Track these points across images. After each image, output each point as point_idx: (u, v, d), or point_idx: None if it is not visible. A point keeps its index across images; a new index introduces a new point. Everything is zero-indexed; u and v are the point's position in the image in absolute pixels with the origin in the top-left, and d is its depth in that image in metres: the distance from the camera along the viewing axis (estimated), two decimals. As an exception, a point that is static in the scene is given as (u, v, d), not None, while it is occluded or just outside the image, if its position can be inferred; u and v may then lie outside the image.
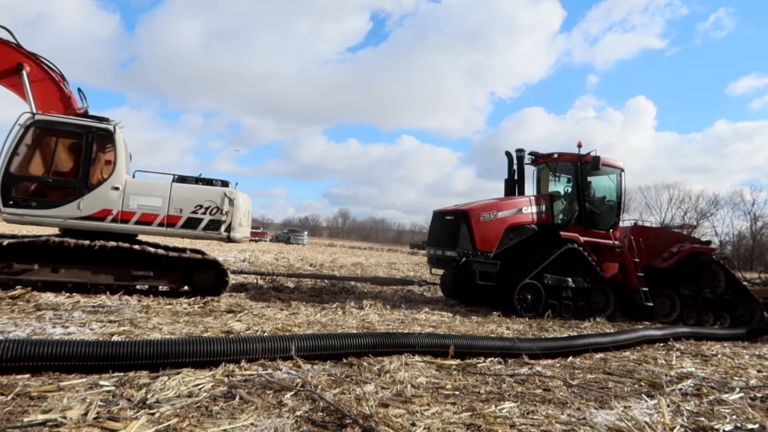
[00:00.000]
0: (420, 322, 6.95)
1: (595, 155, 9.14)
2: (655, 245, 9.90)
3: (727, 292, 9.81)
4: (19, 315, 5.34)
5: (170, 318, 5.78)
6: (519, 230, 8.97)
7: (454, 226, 8.79)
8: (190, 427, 2.62)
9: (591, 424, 3.11)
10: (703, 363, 5.45)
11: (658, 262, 9.70)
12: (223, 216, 7.46)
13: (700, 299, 9.60)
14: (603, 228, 9.54)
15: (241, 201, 7.70)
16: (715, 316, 9.62)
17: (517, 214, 8.96)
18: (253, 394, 3.19)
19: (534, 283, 8.44)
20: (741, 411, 3.61)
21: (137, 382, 3.24)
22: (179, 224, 7.32)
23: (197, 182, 7.71)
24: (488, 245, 8.52)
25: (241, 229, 7.69)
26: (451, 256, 8.74)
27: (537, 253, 8.71)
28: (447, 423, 2.94)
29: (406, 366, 4.19)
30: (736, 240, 61.04)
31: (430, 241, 9.73)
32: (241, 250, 23.34)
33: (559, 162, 9.85)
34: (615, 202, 9.79)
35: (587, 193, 9.57)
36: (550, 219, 9.26)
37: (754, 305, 9.79)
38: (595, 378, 4.39)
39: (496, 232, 8.63)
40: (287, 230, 57.19)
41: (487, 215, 8.61)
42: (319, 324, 6.13)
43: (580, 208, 9.43)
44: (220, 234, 7.46)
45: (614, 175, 9.81)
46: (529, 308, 8.41)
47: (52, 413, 2.64)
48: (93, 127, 7.08)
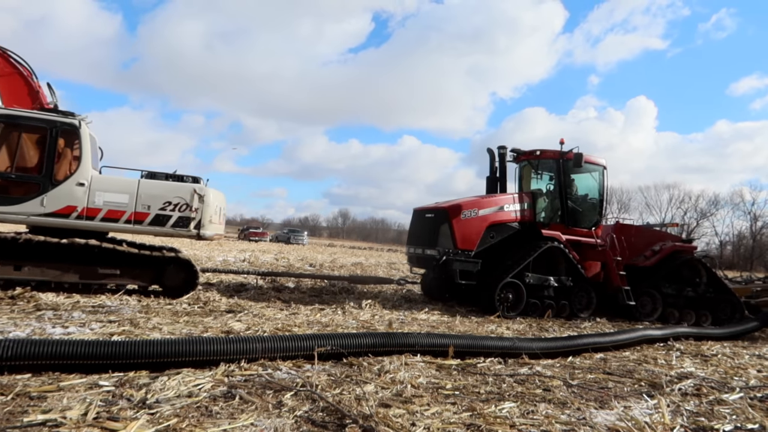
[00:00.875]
0: (420, 322, 6.95)
1: (577, 152, 9.01)
2: (637, 243, 9.82)
3: (709, 290, 9.76)
4: (19, 315, 5.34)
5: (170, 318, 5.78)
6: (500, 228, 8.82)
7: (435, 225, 8.65)
8: (190, 427, 2.62)
9: (591, 424, 3.11)
10: (703, 363, 5.45)
11: (641, 261, 9.64)
12: (193, 213, 7.34)
13: (682, 298, 9.54)
14: (585, 226, 9.44)
15: (212, 198, 7.57)
16: (697, 314, 9.56)
17: (499, 212, 8.81)
18: (253, 394, 3.19)
19: (515, 282, 8.29)
20: (741, 411, 3.61)
21: (137, 382, 3.24)
22: (147, 221, 7.18)
23: (167, 179, 7.58)
24: (469, 244, 8.36)
25: (211, 226, 7.57)
26: (431, 255, 8.60)
27: (518, 252, 8.58)
28: (447, 423, 2.94)
29: (406, 366, 4.19)
30: (736, 240, 61.08)
31: (410, 240, 9.59)
32: (241, 250, 23.34)
33: (541, 159, 9.73)
34: (597, 200, 9.69)
35: (569, 190, 9.47)
36: (532, 217, 9.13)
37: (735, 303, 9.76)
38: (595, 378, 4.39)
39: (477, 230, 8.48)
40: (287, 230, 57.19)
41: (468, 213, 8.46)
42: (319, 324, 6.13)
43: (562, 206, 9.31)
44: (190, 231, 7.33)
45: (597, 173, 9.70)
46: (510, 308, 8.25)
47: (52, 413, 2.64)
48: (57, 121, 6.94)
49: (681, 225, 60.46)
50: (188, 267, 7.54)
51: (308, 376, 3.67)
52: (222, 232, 8.25)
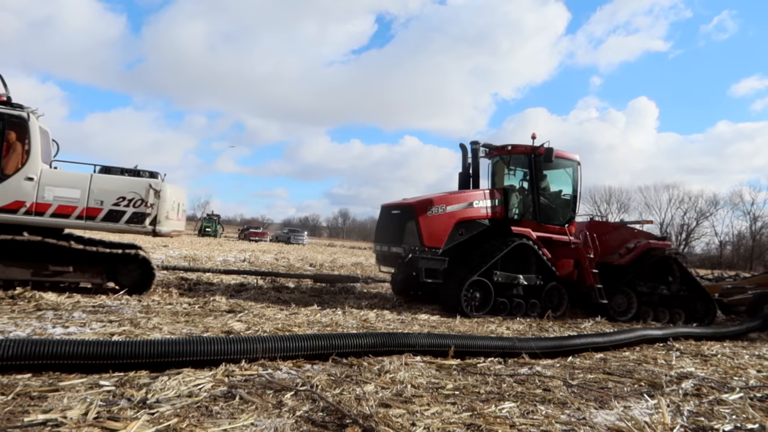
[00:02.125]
0: (420, 322, 6.95)
1: (548, 147, 8.80)
2: (611, 241, 9.67)
3: (683, 288, 9.66)
4: (20, 315, 5.35)
5: (170, 318, 5.79)
6: (470, 225, 8.55)
7: (401, 221, 8.37)
8: (190, 427, 2.62)
9: (591, 424, 3.11)
10: (702, 363, 5.45)
11: (615, 259, 9.47)
12: (148, 209, 7.14)
13: (656, 296, 9.41)
14: (558, 223, 9.21)
15: (169, 193, 7.39)
16: (671, 312, 9.44)
17: (468, 209, 8.52)
18: (253, 394, 3.19)
19: (483, 281, 8.02)
20: (741, 411, 3.62)
21: (137, 382, 3.24)
22: (99, 217, 6.99)
23: (122, 174, 7.40)
24: (436, 241, 8.08)
25: (168, 222, 7.39)
26: (396, 253, 8.31)
27: (486, 249, 8.31)
28: (447, 423, 2.94)
29: (406, 366, 4.20)
30: (736, 240, 61.10)
31: (377, 237, 9.28)
32: (241, 250, 23.35)
33: (512, 154, 9.50)
34: (571, 196, 9.46)
35: (542, 186, 9.21)
36: (503, 213, 8.88)
37: (708, 301, 9.69)
38: (594, 378, 4.39)
39: (444, 227, 8.19)
40: (287, 230, 57.22)
41: (436, 209, 8.17)
42: (319, 324, 6.13)
43: (534, 203, 9.07)
44: (145, 227, 7.16)
45: (570, 169, 9.48)
46: (477, 307, 7.99)
47: (52, 413, 2.64)
48: (5, 114, 6.73)
49: (682, 225, 60.51)
50: (144, 264, 7.37)
51: (308, 376, 3.68)
52: (181, 228, 8.05)
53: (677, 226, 61.92)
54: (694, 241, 61.05)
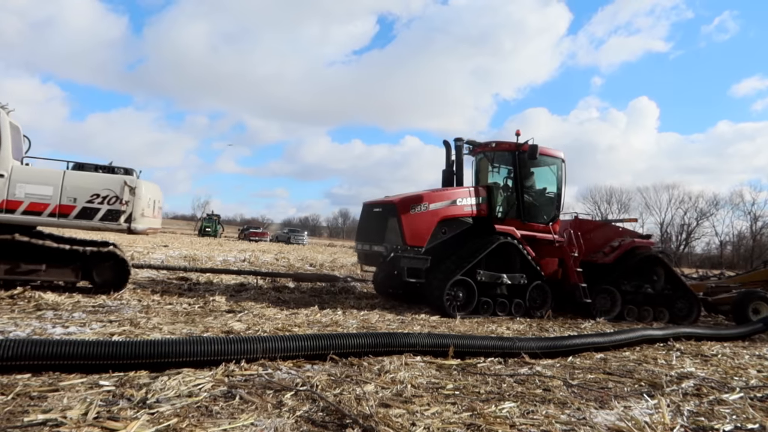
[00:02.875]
0: (420, 322, 6.95)
1: (532, 144, 8.66)
2: (595, 239, 9.59)
3: (667, 287, 9.57)
4: (20, 315, 5.35)
5: (170, 318, 5.79)
6: (453, 223, 8.39)
7: (382, 219, 8.19)
8: (190, 427, 2.62)
9: (591, 424, 3.11)
10: (703, 363, 5.45)
11: (599, 257, 9.40)
12: (123, 206, 7.04)
13: (641, 295, 9.31)
14: (542, 221, 9.10)
15: (144, 190, 7.30)
16: (655, 311, 9.35)
17: (451, 206, 8.36)
18: (253, 394, 3.19)
19: (466, 280, 7.87)
20: (741, 411, 3.61)
21: (137, 382, 3.24)
22: (73, 214, 6.87)
23: (96, 170, 7.29)
24: (419, 239, 7.93)
25: (144, 219, 7.30)
26: (378, 252, 8.14)
27: (470, 248, 8.18)
28: (447, 423, 2.94)
29: (406, 366, 4.19)
30: (736, 240, 61.09)
31: (358, 236, 9.10)
32: (241, 250, 23.34)
33: (496, 151, 9.36)
34: (555, 194, 9.33)
35: (526, 184, 9.06)
36: (487, 211, 8.75)
37: (692, 300, 9.62)
38: (595, 378, 4.39)
39: (427, 225, 8.04)
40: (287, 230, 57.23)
41: (418, 207, 8.01)
42: (319, 324, 6.13)
43: (518, 200, 8.94)
44: (120, 225, 7.05)
45: (555, 166, 9.37)
46: (460, 306, 7.83)
47: (52, 413, 2.64)
48: None
49: (682, 225, 60.50)
50: (118, 262, 7.25)
51: (308, 376, 3.68)
52: (157, 225, 7.95)
53: (677, 226, 61.99)
54: (694, 241, 61.12)
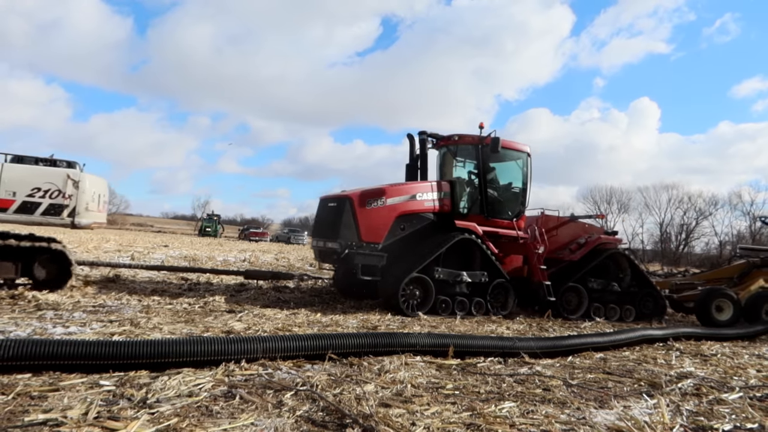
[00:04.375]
0: (420, 322, 6.95)
1: (494, 136, 8.33)
2: (562, 236, 9.42)
3: (633, 284, 9.44)
4: (20, 315, 5.35)
5: (170, 318, 5.79)
6: (412, 219, 8.06)
7: (337, 215, 7.76)
8: (190, 426, 2.62)
9: (591, 424, 3.11)
10: (702, 363, 5.46)
11: (566, 254, 9.20)
12: (66, 200, 6.87)
13: (607, 292, 9.15)
14: (506, 217, 8.83)
15: (89, 184, 7.13)
16: (622, 309, 9.22)
17: (410, 201, 8.03)
18: (254, 394, 3.20)
19: (423, 278, 7.55)
20: (740, 411, 3.62)
21: (137, 382, 3.24)
22: (12, 209, 6.68)
23: (37, 163, 7.09)
24: (375, 235, 7.61)
25: (88, 214, 7.12)
26: (332, 248, 7.73)
27: (428, 245, 7.86)
28: (447, 423, 2.95)
29: (406, 366, 4.20)
30: (736, 240, 61.04)
31: (314, 231, 8.73)
32: (242, 250, 23.35)
33: (459, 145, 9.07)
34: (520, 189, 9.07)
35: (489, 178, 8.78)
36: (450, 207, 8.41)
37: (658, 297, 9.54)
38: (594, 378, 4.39)
39: (384, 221, 7.71)
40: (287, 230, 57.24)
41: (375, 202, 7.68)
42: (319, 324, 6.13)
43: (481, 195, 8.65)
44: (63, 219, 6.87)
45: (520, 160, 9.12)
46: (417, 305, 7.53)
47: (52, 413, 2.64)
48: None
49: (682, 225, 60.51)
50: (60, 258, 7.05)
51: (308, 375, 3.68)
52: (102, 220, 7.76)
53: (677, 226, 61.97)
54: (693, 241, 61.04)
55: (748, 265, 10.56)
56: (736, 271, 10.74)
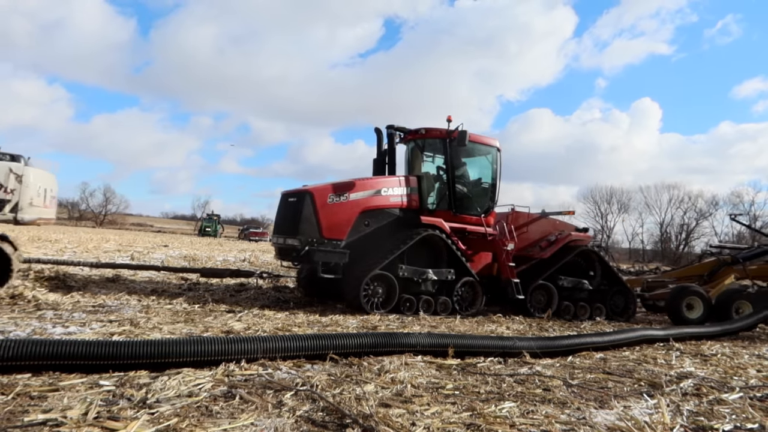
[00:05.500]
0: (420, 322, 6.95)
1: (462, 129, 8.11)
2: (532, 233, 9.26)
3: (603, 282, 9.28)
4: (20, 314, 5.35)
5: (170, 318, 5.79)
6: (377, 215, 7.80)
7: (297, 210, 7.46)
8: (190, 426, 2.62)
9: (591, 424, 3.11)
10: (702, 363, 5.46)
11: (536, 252, 9.03)
12: (8, 195, 6.65)
13: (577, 291, 8.99)
14: (475, 213, 8.60)
15: (33, 178, 6.89)
16: (592, 308, 9.07)
17: (375, 197, 7.77)
18: (253, 394, 3.19)
19: (387, 275, 7.32)
20: (741, 411, 3.62)
21: (137, 382, 3.24)
22: None
23: None
24: (337, 232, 7.38)
25: (33, 209, 6.89)
26: (292, 245, 7.44)
27: (393, 241, 7.62)
28: (447, 423, 2.94)
29: (406, 366, 4.20)
30: (736, 240, 61.04)
31: (275, 228, 8.40)
32: (241, 250, 23.35)
33: (427, 139, 8.84)
34: (490, 185, 8.88)
35: (458, 173, 8.58)
36: (417, 203, 8.19)
37: (628, 295, 9.40)
38: (594, 378, 4.39)
39: (347, 216, 7.48)
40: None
41: (336, 197, 7.45)
42: (319, 324, 6.13)
43: (449, 191, 8.43)
44: (5, 215, 6.66)
45: (490, 155, 8.93)
46: (380, 304, 7.31)
47: (52, 413, 2.64)
48: None
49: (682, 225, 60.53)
50: None
51: (308, 376, 3.68)
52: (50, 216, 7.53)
53: (677, 226, 62.01)
54: (693, 240, 61.06)
55: (719, 263, 10.51)
56: (706, 268, 10.68)
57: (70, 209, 71.85)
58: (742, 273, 10.05)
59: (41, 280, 7.78)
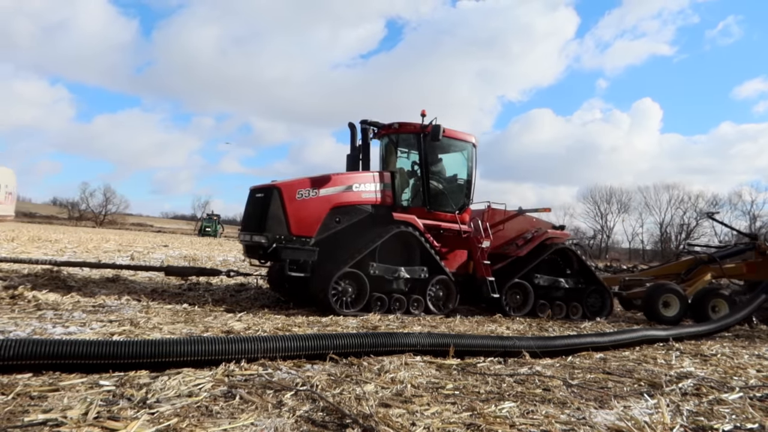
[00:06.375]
0: (420, 322, 6.95)
1: (435, 124, 7.94)
2: (508, 231, 9.13)
3: (580, 280, 9.14)
4: (20, 314, 5.35)
5: (170, 318, 5.79)
6: (349, 211, 7.59)
7: (265, 206, 7.20)
8: (190, 426, 2.62)
9: (591, 424, 3.11)
10: (702, 363, 5.46)
11: (512, 249, 8.89)
12: None
13: (554, 289, 8.85)
14: (450, 210, 8.38)
15: None
16: (568, 307, 8.92)
17: (346, 192, 7.57)
18: (254, 394, 3.19)
19: (357, 274, 7.09)
20: (740, 410, 3.62)
21: (137, 382, 3.24)
22: None
23: None
24: (307, 229, 7.16)
25: None
26: (259, 242, 7.16)
27: (364, 238, 7.39)
28: (447, 423, 2.94)
29: (406, 366, 4.20)
30: (736, 240, 61.02)
31: (243, 224, 8.16)
32: (241, 250, 23.33)
33: (401, 134, 8.62)
34: (465, 181, 8.69)
35: (432, 169, 8.37)
36: (390, 199, 8.00)
37: (605, 294, 9.27)
38: (594, 378, 4.39)
39: (317, 213, 7.27)
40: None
41: (306, 192, 7.23)
42: (319, 324, 6.13)
43: (423, 187, 8.23)
44: None
45: (465, 151, 8.75)
46: (350, 303, 7.07)
47: (52, 413, 2.64)
48: None
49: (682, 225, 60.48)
50: None
51: (308, 376, 3.68)
52: (7, 213, 7.29)
53: (677, 226, 62.03)
54: (693, 241, 61.05)
55: (696, 261, 10.50)
56: (683, 267, 10.66)
57: (70, 209, 71.89)
58: (718, 271, 10.07)
59: (41, 280, 7.80)
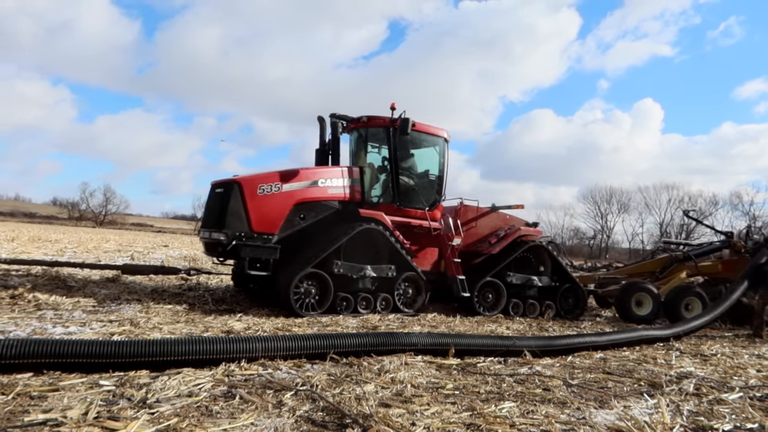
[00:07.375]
0: (420, 322, 6.95)
1: (404, 117, 7.66)
2: (482, 228, 8.97)
3: (554, 279, 8.96)
4: (20, 314, 5.35)
5: (170, 318, 5.79)
6: (314, 207, 7.32)
7: (224, 201, 6.92)
8: (190, 426, 2.62)
9: (591, 424, 3.11)
10: (702, 362, 5.46)
11: (485, 247, 8.70)
12: None
13: (527, 287, 8.68)
14: (420, 207, 8.16)
15: None
16: (542, 306, 8.77)
17: (311, 188, 7.29)
18: (253, 394, 3.19)
19: (320, 273, 6.81)
20: (740, 410, 3.62)
21: (137, 382, 3.24)
22: None
23: None
24: (269, 226, 6.89)
25: None
26: (218, 239, 6.86)
27: (329, 236, 7.15)
28: (447, 422, 2.94)
29: (406, 365, 4.20)
30: (736, 240, 60.91)
31: (203, 221, 7.87)
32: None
33: (369, 128, 8.32)
34: (436, 177, 8.45)
35: (402, 165, 8.11)
36: (359, 195, 7.73)
37: (579, 293, 9.10)
38: (594, 378, 4.39)
39: (279, 209, 7.00)
40: None
41: (268, 188, 6.95)
42: (319, 324, 6.13)
43: (392, 183, 7.99)
44: None
45: (437, 146, 8.54)
46: (315, 305, 6.79)
47: (52, 413, 2.64)
48: None
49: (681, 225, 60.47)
50: None
51: (308, 375, 3.68)
52: None
53: (677, 226, 61.97)
54: (693, 241, 61.05)
55: (671, 259, 10.44)
56: (658, 265, 10.59)
57: (70, 209, 71.90)
58: (693, 269, 9.99)
59: (41, 280, 7.81)
